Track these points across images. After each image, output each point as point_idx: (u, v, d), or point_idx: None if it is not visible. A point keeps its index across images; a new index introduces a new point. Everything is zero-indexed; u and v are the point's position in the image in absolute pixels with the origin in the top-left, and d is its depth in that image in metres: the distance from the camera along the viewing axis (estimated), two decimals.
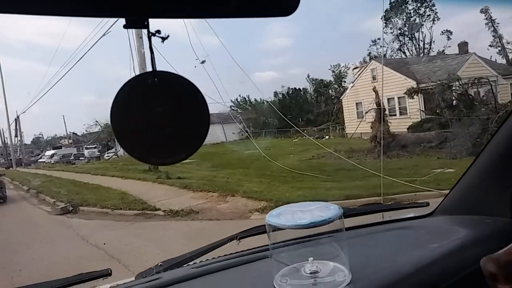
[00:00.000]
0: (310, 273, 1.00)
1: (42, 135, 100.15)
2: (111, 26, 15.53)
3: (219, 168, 18.25)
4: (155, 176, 15.41)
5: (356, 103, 27.84)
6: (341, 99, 31.39)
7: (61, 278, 1.27)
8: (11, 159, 52.31)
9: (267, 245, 1.18)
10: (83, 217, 10.20)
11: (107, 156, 55.70)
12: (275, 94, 47.27)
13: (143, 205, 10.25)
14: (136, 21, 0.70)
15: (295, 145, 29.24)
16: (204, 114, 0.79)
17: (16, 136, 63.00)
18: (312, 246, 1.07)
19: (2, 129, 74.16)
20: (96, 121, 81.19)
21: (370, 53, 42.50)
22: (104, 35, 17.02)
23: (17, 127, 53.54)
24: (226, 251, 1.47)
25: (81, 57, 20.63)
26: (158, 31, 0.72)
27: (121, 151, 57.44)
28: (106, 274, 1.34)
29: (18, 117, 49.32)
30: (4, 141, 77.63)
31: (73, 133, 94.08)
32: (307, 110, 44.84)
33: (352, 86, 28.29)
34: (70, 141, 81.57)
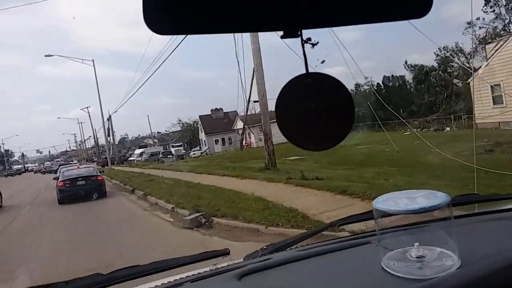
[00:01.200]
0: (416, 257, 0.98)
1: (127, 135, 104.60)
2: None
3: (347, 165, 14.79)
4: (284, 176, 12.35)
5: (493, 86, 22.65)
6: (469, 82, 26.18)
7: (188, 255, 1.45)
8: (105, 158, 53.60)
9: (366, 232, 1.42)
10: (225, 235, 7.28)
11: (193, 154, 55.19)
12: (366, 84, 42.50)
13: (304, 219, 7.11)
14: (292, 33, 0.80)
15: (412, 139, 24.81)
16: (349, 107, 0.88)
17: (108, 135, 65.09)
18: (418, 233, 1.04)
19: (95, 129, 77.83)
20: (179, 120, 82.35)
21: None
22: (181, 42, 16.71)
23: (109, 127, 54.48)
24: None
25: (162, 62, 19.98)
26: (309, 39, 0.83)
27: (207, 149, 56.48)
28: (225, 253, 1.53)
29: (110, 117, 50.00)
30: (96, 140, 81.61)
31: (158, 132, 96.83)
32: (408, 100, 39.72)
33: (486, 66, 23.14)
34: (155, 140, 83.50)
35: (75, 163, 46.81)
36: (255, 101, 42.20)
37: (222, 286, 1.15)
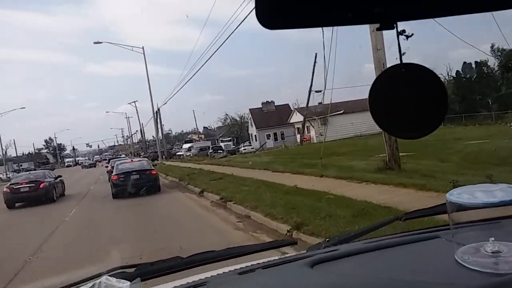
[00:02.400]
0: (492, 252, 0.92)
1: (171, 130, 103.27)
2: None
3: (491, 164, 10.38)
4: (433, 182, 8.22)
5: None
6: None
7: (258, 243, 1.58)
8: (155, 152, 51.39)
9: (434, 226, 1.38)
10: None
11: (244, 149, 51.81)
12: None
13: None
14: (387, 25, 0.81)
15: None
16: (443, 97, 0.89)
17: (156, 129, 63.06)
18: (494, 228, 0.96)
19: (142, 123, 76.37)
20: (226, 114, 79.58)
21: None
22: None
23: (158, 121, 52.11)
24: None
25: (206, 61, 19.20)
26: (404, 31, 0.83)
27: (264, 144, 52.75)
28: (292, 242, 1.67)
29: (158, 109, 47.51)
30: (143, 134, 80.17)
31: (204, 127, 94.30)
32: (494, 89, 34.06)
33: None
34: (201, 135, 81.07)
35: (124, 157, 44.84)
36: (317, 91, 38.12)
37: (294, 273, 1.14)
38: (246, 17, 13.86)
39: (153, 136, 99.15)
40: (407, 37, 0.83)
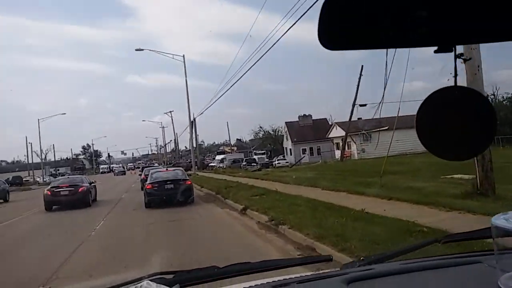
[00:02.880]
0: None
1: (203, 142, 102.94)
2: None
3: None
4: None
5: None
6: None
7: (294, 258, 2.09)
8: (189, 162, 50.49)
9: (476, 251, 1.38)
10: None
11: (278, 163, 50.02)
12: None
13: None
14: (446, 48, 0.82)
15: None
16: (493, 122, 0.90)
17: (191, 138, 62.40)
18: None
19: (177, 133, 76.20)
20: (260, 127, 78.15)
21: None
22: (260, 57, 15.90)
23: (193, 131, 51.29)
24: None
25: (243, 75, 18.61)
26: (462, 54, 0.84)
27: (303, 157, 50.80)
28: (328, 259, 1.58)
29: (194, 119, 46.68)
30: (177, 144, 79.88)
31: (237, 139, 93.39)
32: None
33: None
34: (233, 147, 79.95)
35: (157, 166, 44.09)
36: (361, 105, 35.97)
37: None
38: (285, 33, 13.58)
39: (185, 147, 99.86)
40: (465, 60, 2.08)
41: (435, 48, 0.82)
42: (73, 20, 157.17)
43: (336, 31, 0.78)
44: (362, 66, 32.49)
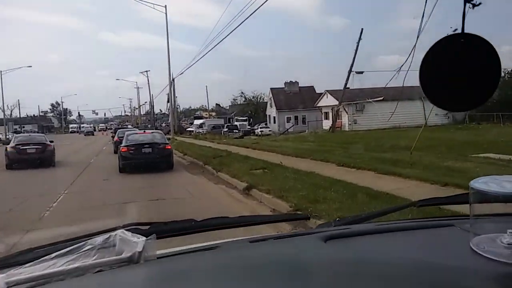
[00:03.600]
0: (508, 244, 0.90)
1: (179, 106, 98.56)
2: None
3: None
4: None
5: None
6: None
7: (272, 215, 2.31)
8: (166, 125, 47.22)
9: (450, 216, 1.41)
10: None
11: (260, 131, 47.48)
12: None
13: None
14: None
15: None
16: (497, 72, 0.86)
17: (168, 101, 58.61)
18: None
19: (152, 95, 71.63)
20: (242, 92, 74.75)
21: None
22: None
23: (172, 90, 47.67)
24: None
25: (219, 42, 17.23)
26: None
27: (292, 126, 48.34)
28: (306, 217, 1.85)
29: (173, 79, 43.02)
30: (153, 106, 75.34)
31: (217, 104, 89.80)
32: None
33: None
34: (212, 113, 76.49)
35: (131, 127, 40.90)
36: (357, 72, 33.43)
37: (307, 245, 1.14)
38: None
39: (160, 110, 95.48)
40: (474, 5, 0.78)
41: None
42: None
43: None
44: (362, 29, 29.81)
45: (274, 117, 48.44)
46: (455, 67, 0.84)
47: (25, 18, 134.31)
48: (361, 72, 29.57)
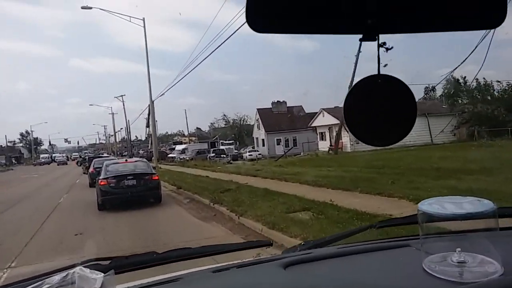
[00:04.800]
0: (458, 262, 0.94)
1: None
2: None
3: None
4: None
5: None
6: None
7: (234, 243, 1.54)
8: (150, 152, 43.10)
9: (405, 236, 1.39)
10: None
11: (249, 155, 44.01)
12: None
13: None
14: (370, 37, 0.83)
15: None
16: (413, 109, 0.94)
17: (147, 126, 54.56)
18: (461, 240, 0.98)
19: (128, 120, 66.94)
20: (224, 115, 71.40)
21: None
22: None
23: (149, 117, 43.89)
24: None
25: (198, 65, 16.66)
26: (384, 43, 0.85)
27: (290, 149, 44.99)
28: (267, 244, 1.65)
29: (153, 102, 39.27)
30: (129, 132, 70.43)
31: (197, 128, 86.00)
32: None
33: None
34: (193, 137, 72.62)
35: (107, 156, 36.80)
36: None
37: (267, 274, 1.15)
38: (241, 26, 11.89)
39: (136, 136, 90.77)
40: (387, 49, 0.85)
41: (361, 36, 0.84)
42: None
43: (262, 14, 0.78)
44: (361, 41, 27.13)
45: (263, 140, 45.19)
46: (375, 105, 0.89)
47: None
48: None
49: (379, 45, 0.84)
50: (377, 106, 0.90)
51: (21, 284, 1.02)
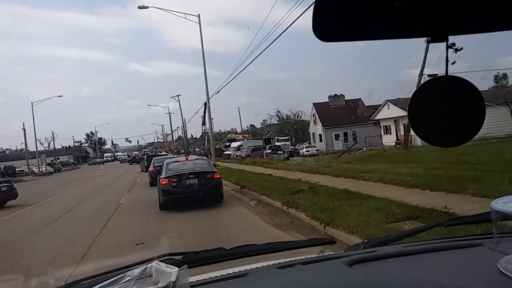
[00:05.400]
0: None
1: (207, 131, 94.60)
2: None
3: None
4: None
5: None
6: None
7: (298, 240, 1.84)
8: (208, 149, 42.72)
9: (477, 235, 1.29)
10: None
11: (306, 151, 42.32)
12: None
13: None
14: (439, 38, 0.81)
15: None
16: (482, 110, 0.90)
17: (203, 124, 54.55)
18: None
19: (185, 119, 67.41)
20: (278, 111, 70.02)
21: None
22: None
23: (205, 114, 43.48)
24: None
25: (248, 64, 18.56)
26: (454, 44, 0.83)
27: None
28: (331, 241, 1.65)
29: (209, 99, 38.64)
30: (185, 130, 70.95)
31: (251, 125, 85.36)
32: None
33: None
34: (246, 134, 71.85)
35: (165, 154, 36.95)
36: (430, 76, 27.79)
37: (333, 271, 1.14)
38: (292, 22, 14.43)
39: (191, 135, 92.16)
40: (456, 50, 0.84)
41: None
42: (73, 8, 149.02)
43: (330, 23, 0.78)
44: (429, 42, 24.47)
45: (320, 135, 43.18)
46: (441, 107, 0.87)
47: (58, 54, 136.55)
48: (435, 75, 24.03)
49: (448, 46, 0.83)
50: (444, 107, 0.87)
51: (106, 275, 1.08)
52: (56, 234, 8.78)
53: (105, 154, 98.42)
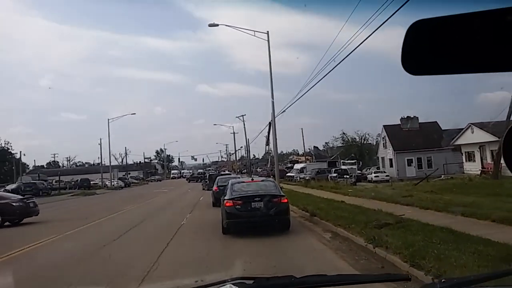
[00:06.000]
0: None
1: (271, 150, 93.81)
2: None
3: None
4: None
5: None
6: None
7: (370, 274, 1.58)
8: (271, 169, 41.73)
9: None
10: None
11: (375, 176, 39.53)
12: None
13: None
14: None
15: None
16: None
17: (267, 144, 53.71)
18: None
19: (248, 139, 67.17)
20: (344, 133, 67.19)
21: None
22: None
23: (269, 134, 42.50)
24: None
25: (312, 86, 16.04)
26: None
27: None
28: (406, 278, 1.65)
29: (274, 118, 37.83)
30: (248, 150, 70.55)
31: (315, 147, 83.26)
32: None
33: None
34: (309, 156, 69.85)
35: (229, 173, 36.38)
36: None
37: None
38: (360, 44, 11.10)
39: (254, 155, 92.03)
40: None
41: None
42: (150, 33, 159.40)
43: (420, 57, 0.78)
44: None
45: (391, 160, 40.12)
46: None
47: (135, 76, 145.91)
48: None
49: None
50: None
51: None
52: (112, 259, 7.95)
53: (172, 171, 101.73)
